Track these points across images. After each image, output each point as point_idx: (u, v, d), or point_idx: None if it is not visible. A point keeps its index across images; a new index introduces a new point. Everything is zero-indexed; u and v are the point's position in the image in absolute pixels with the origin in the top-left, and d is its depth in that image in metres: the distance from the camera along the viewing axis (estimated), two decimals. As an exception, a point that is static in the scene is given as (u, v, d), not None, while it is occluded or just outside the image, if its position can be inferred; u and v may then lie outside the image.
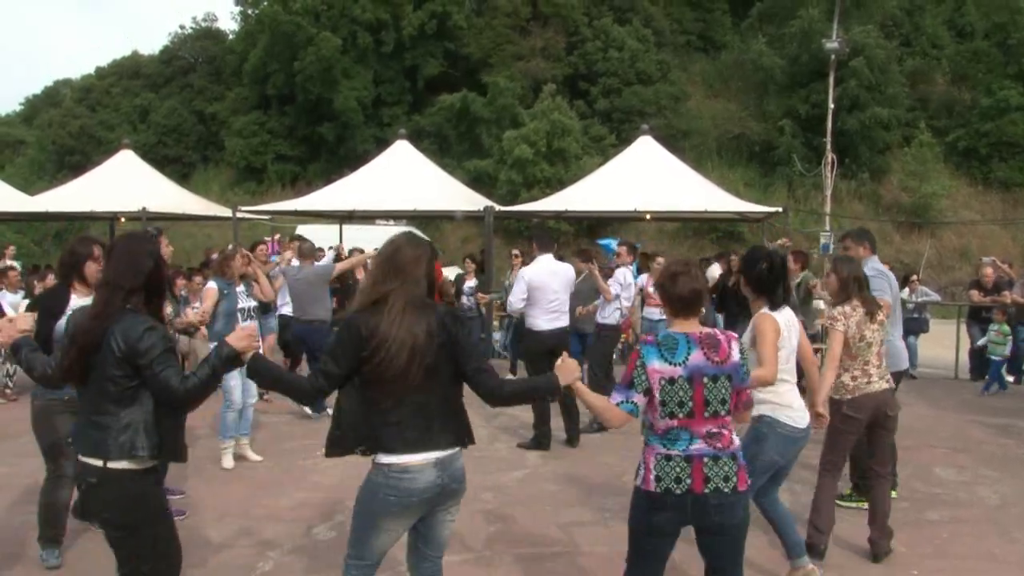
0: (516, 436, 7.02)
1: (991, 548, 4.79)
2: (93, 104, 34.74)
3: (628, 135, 21.14)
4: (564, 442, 7.03)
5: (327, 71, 27.47)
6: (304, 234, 17.40)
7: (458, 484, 2.94)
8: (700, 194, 12.93)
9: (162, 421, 2.88)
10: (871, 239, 5.58)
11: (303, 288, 8.00)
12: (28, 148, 35.79)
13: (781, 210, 13.39)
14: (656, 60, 28.19)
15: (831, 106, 23.14)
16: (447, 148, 27.27)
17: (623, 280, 8.31)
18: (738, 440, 3.02)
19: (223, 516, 4.99)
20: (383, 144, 19.12)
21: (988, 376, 9.96)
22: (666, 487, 2.89)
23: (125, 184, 14.77)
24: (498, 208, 13.92)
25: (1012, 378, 10.73)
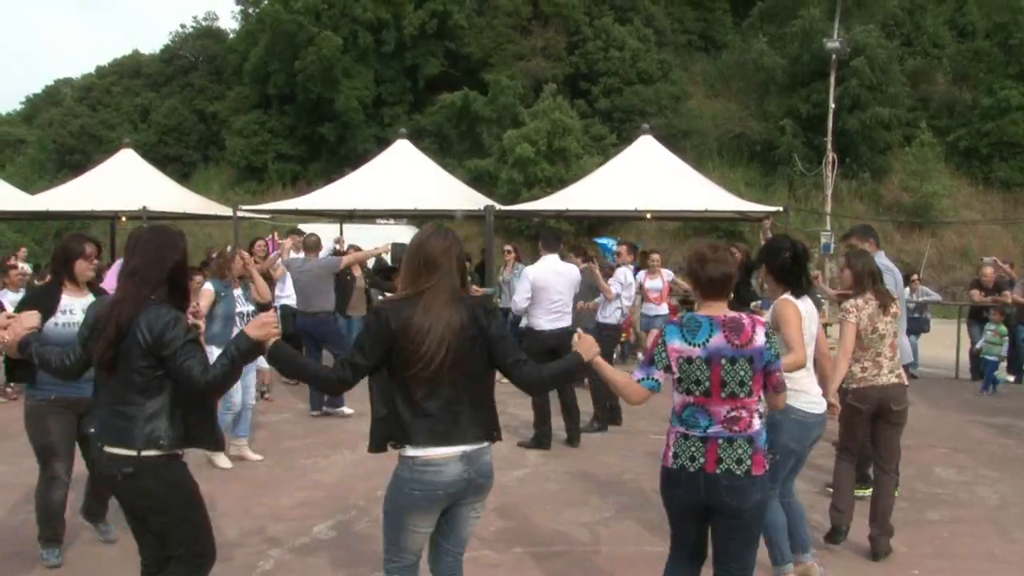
0: (516, 435, 7.03)
1: (991, 548, 4.79)
2: (94, 103, 34.73)
3: (629, 134, 21.12)
4: (564, 441, 7.03)
5: (328, 71, 27.46)
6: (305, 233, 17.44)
7: (484, 479, 2.92)
8: (701, 194, 12.92)
9: (191, 410, 2.90)
10: (875, 235, 5.62)
11: (309, 280, 7.99)
12: (29, 147, 35.78)
13: (782, 210, 13.39)
14: (657, 60, 28.17)
15: (832, 106, 23.12)
16: (448, 147, 27.26)
17: (624, 280, 8.32)
18: (759, 424, 3.03)
19: (223, 515, 5.00)
20: (384, 144, 19.11)
21: (984, 377, 9.97)
22: (681, 464, 3.01)
23: (126, 183, 14.78)
24: (499, 207, 13.92)
25: (1012, 378, 10.74)
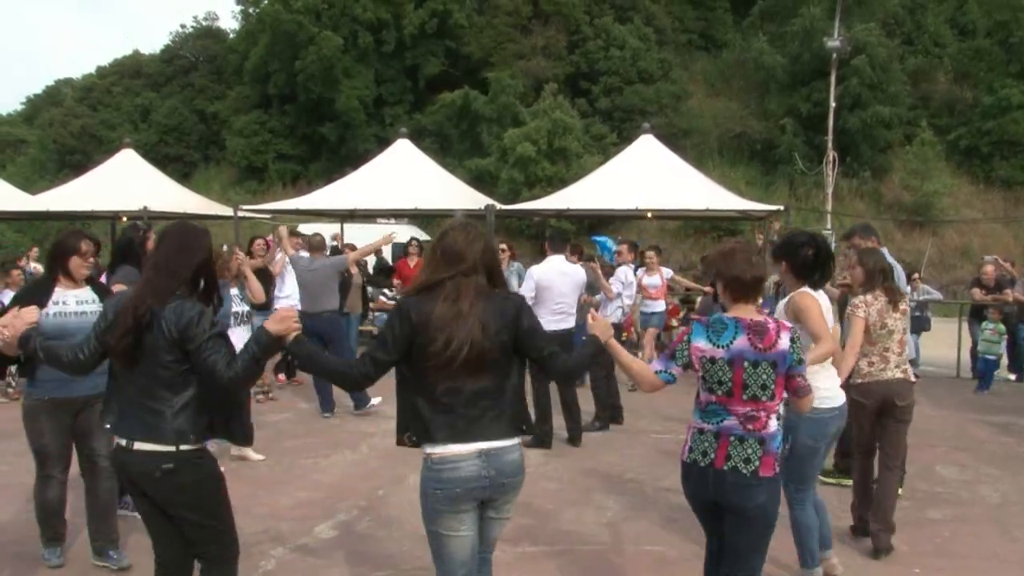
0: (517, 435, 7.02)
1: (992, 547, 4.79)
2: (94, 103, 34.74)
3: (629, 134, 21.11)
4: (566, 441, 7.03)
5: (328, 70, 27.45)
6: (305, 233, 17.44)
7: (509, 478, 2.82)
8: (702, 193, 12.92)
9: (219, 404, 2.91)
10: (876, 233, 5.67)
11: (318, 280, 7.94)
12: (29, 147, 35.79)
13: (783, 208, 13.38)
14: (657, 59, 28.16)
15: (832, 104, 23.08)
16: (448, 147, 27.26)
17: (624, 279, 8.32)
18: (775, 426, 3.03)
19: (225, 515, 4.99)
20: (384, 143, 19.11)
21: (981, 376, 9.96)
22: (694, 458, 3.07)
23: (126, 183, 14.80)
24: (499, 207, 13.92)
25: (1014, 376, 10.74)
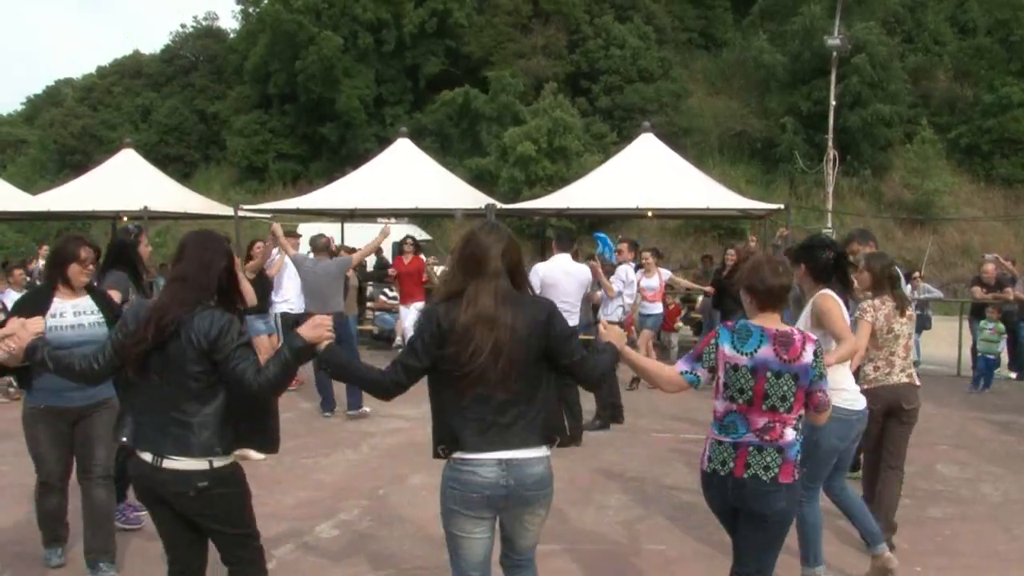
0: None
1: (994, 545, 4.79)
2: (95, 103, 34.75)
3: (630, 132, 21.10)
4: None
5: (328, 70, 27.44)
6: (306, 233, 17.43)
7: (530, 491, 2.75)
8: (702, 191, 12.92)
9: (246, 413, 2.88)
10: (873, 238, 5.68)
11: (324, 281, 7.87)
12: (30, 148, 35.80)
13: (783, 207, 13.38)
14: (657, 57, 28.15)
15: (833, 103, 23.07)
16: (448, 146, 27.25)
17: (625, 277, 8.32)
18: (791, 436, 3.04)
19: (226, 514, 4.99)
20: (385, 143, 19.11)
21: (982, 375, 9.93)
22: (714, 468, 3.09)
23: (127, 183, 14.81)
24: (500, 206, 13.92)
25: (1014, 375, 10.73)
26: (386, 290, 13.25)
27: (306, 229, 18.01)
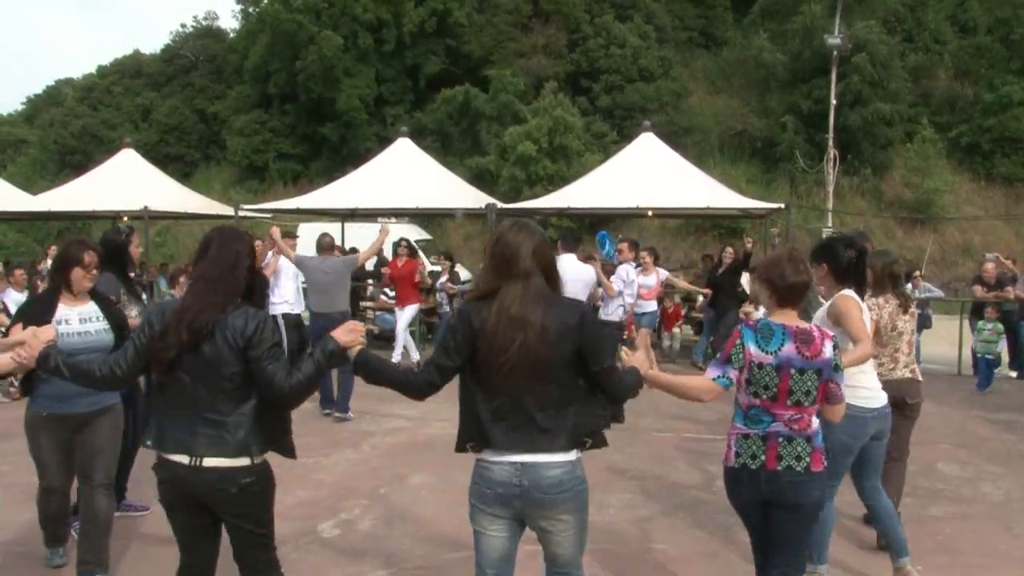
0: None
1: (995, 544, 4.79)
2: (95, 103, 34.75)
3: (630, 132, 21.08)
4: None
5: (328, 70, 27.42)
6: (306, 232, 17.44)
7: (546, 493, 2.72)
8: (702, 191, 12.92)
9: (269, 416, 2.84)
10: (870, 239, 5.67)
11: (331, 279, 7.85)
12: (30, 147, 35.80)
13: (783, 206, 13.37)
14: (658, 57, 28.13)
15: (833, 102, 23.06)
16: (449, 146, 27.25)
17: (625, 277, 8.31)
18: (816, 424, 3.10)
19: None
20: (385, 142, 19.11)
21: (980, 375, 9.91)
22: (743, 462, 3.09)
23: (127, 183, 14.83)
24: (500, 205, 13.91)
25: (1015, 373, 10.72)
26: (387, 290, 13.25)
27: (307, 229, 18.04)
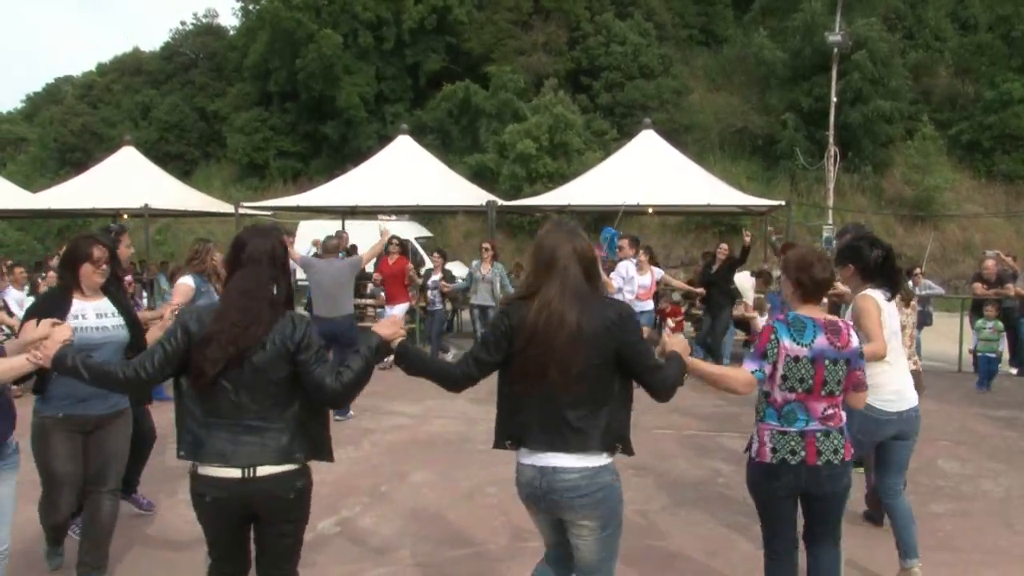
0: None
1: (995, 540, 4.79)
2: (95, 101, 34.74)
3: (630, 129, 21.09)
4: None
5: (329, 68, 27.42)
6: (306, 230, 17.46)
7: (563, 496, 2.72)
8: (703, 188, 12.93)
9: (311, 419, 2.82)
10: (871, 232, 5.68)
11: (337, 282, 7.80)
12: (30, 145, 35.79)
13: (784, 204, 13.39)
14: (658, 54, 28.13)
15: (834, 99, 23.06)
16: (449, 143, 27.24)
17: (625, 274, 8.32)
18: (844, 414, 3.26)
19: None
20: (385, 140, 19.11)
21: (985, 374, 9.88)
22: (782, 458, 3.17)
23: (127, 181, 14.84)
24: (500, 203, 13.92)
25: (1015, 371, 10.71)
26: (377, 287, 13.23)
27: (307, 226, 18.07)
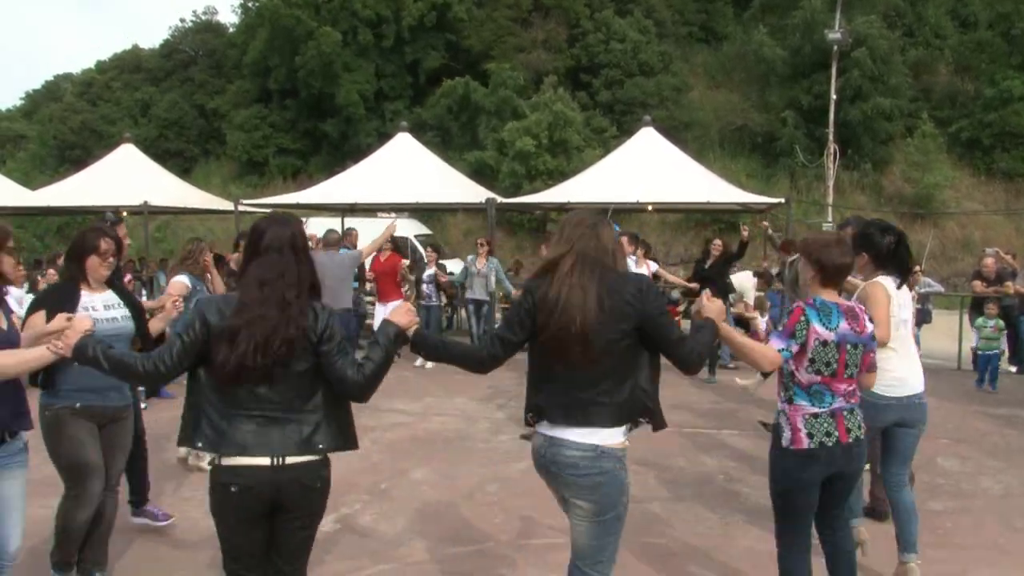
0: (519, 427, 7.02)
1: (994, 538, 4.79)
2: (94, 98, 34.68)
3: (630, 127, 21.07)
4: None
5: (328, 65, 27.37)
6: (315, 227, 17.41)
7: (562, 471, 2.75)
8: (702, 185, 12.92)
9: (335, 409, 2.80)
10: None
11: (337, 276, 7.79)
12: (29, 143, 35.75)
13: (784, 201, 13.38)
14: (658, 51, 28.10)
15: (833, 97, 23.03)
16: (449, 140, 27.22)
17: (625, 271, 8.36)
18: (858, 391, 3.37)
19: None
20: (385, 137, 19.09)
21: (982, 371, 9.87)
22: (819, 441, 3.17)
23: (127, 178, 14.82)
24: (500, 200, 13.91)
25: (1015, 369, 10.71)
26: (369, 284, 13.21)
27: (315, 223, 18.03)
